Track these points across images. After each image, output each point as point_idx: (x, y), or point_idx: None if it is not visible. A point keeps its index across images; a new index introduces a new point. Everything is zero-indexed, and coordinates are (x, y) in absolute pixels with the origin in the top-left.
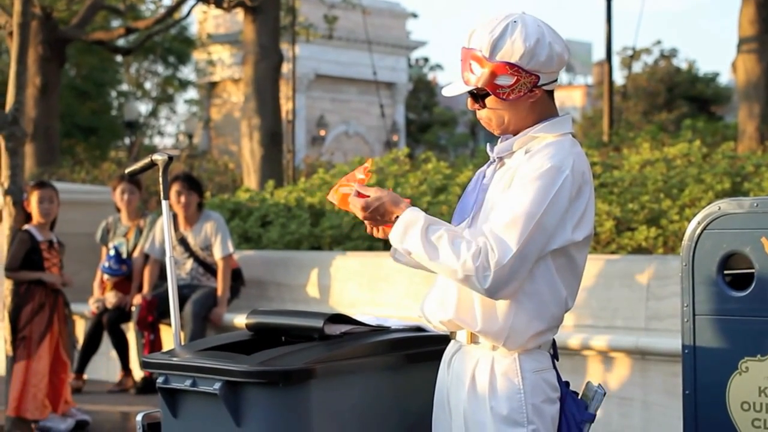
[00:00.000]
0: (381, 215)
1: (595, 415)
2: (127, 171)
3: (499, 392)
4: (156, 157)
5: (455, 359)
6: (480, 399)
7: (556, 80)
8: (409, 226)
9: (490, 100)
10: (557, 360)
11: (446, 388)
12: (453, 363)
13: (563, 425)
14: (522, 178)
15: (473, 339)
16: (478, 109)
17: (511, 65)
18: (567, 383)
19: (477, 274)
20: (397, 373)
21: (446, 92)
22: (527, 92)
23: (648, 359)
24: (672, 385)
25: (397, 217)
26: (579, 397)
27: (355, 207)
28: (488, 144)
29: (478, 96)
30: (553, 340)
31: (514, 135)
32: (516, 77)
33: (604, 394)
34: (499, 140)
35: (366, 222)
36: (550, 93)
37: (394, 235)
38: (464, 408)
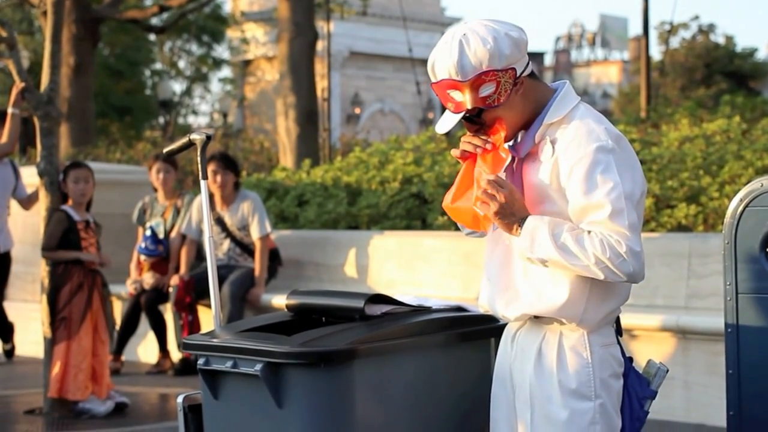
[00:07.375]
0: (512, 210)
1: (656, 393)
2: (164, 150)
3: (568, 366)
4: (194, 136)
5: (520, 335)
6: (547, 373)
7: (528, 63)
8: (534, 233)
9: (486, 114)
10: (621, 335)
11: (509, 364)
12: (517, 338)
13: (626, 401)
14: (579, 175)
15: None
16: (479, 129)
17: (486, 72)
18: (630, 359)
19: (613, 265)
20: (441, 353)
21: (439, 129)
22: (513, 88)
23: (689, 338)
24: (713, 365)
25: (518, 223)
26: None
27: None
28: (507, 146)
29: (473, 117)
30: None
31: (525, 129)
32: (495, 81)
33: (667, 371)
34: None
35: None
36: (532, 74)
37: (523, 247)
38: (530, 383)
